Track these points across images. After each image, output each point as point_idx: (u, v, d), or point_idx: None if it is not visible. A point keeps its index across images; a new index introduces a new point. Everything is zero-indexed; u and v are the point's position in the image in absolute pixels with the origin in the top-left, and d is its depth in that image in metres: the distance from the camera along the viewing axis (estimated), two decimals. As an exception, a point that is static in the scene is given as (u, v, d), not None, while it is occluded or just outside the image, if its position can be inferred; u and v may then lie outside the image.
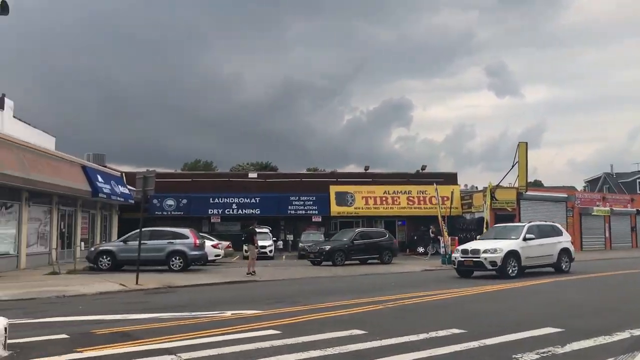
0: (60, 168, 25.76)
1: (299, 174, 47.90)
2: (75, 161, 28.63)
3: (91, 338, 8.79)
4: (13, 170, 20.41)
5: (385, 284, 18.07)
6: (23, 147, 22.53)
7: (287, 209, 43.18)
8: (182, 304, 13.50)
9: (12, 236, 22.32)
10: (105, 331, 9.34)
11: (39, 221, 24.65)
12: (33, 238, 24.01)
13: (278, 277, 20.94)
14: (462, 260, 19.91)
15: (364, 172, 48.24)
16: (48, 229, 25.51)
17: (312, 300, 13.39)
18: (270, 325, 9.58)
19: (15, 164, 20.77)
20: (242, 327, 9.46)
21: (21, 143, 22.66)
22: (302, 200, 43.56)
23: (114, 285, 17.74)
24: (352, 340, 8.20)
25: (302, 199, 43.63)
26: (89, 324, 10.20)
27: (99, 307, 12.97)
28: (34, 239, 24.06)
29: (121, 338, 8.74)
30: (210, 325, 9.77)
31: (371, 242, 28.99)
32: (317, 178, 47.66)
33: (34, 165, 22.54)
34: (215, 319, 10.70)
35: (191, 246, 22.84)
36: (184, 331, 9.15)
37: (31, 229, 23.72)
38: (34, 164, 22.60)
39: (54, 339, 8.72)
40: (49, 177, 23.63)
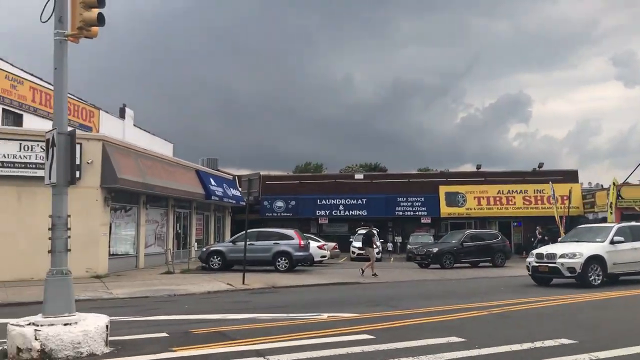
0: (175, 172, 27.10)
1: (406, 174, 47.07)
2: (189, 166, 30.02)
3: (189, 337, 9.01)
4: (131, 175, 21.70)
5: (494, 288, 17.14)
6: (140, 153, 23.92)
7: (394, 210, 42.62)
8: (282, 304, 13.59)
9: (132, 237, 23.78)
10: (203, 331, 9.53)
11: (156, 223, 26.08)
12: (151, 239, 25.44)
13: (382, 280, 20.58)
14: (537, 266, 17.61)
15: (475, 172, 46.51)
16: (164, 230, 26.93)
17: (413, 304, 12.94)
18: (364, 330, 9.30)
19: (133, 169, 22.10)
20: (336, 331, 9.28)
21: (139, 150, 24.09)
22: (410, 201, 42.81)
23: (222, 285, 18.28)
24: (448, 348, 7.74)
25: (411, 199, 42.87)
26: (190, 323, 10.48)
27: (204, 306, 13.37)
28: (151, 239, 25.49)
29: (217, 338, 8.87)
30: (304, 328, 9.67)
31: (482, 244, 27.80)
32: (426, 178, 46.61)
33: (151, 170, 23.85)
34: (311, 321, 10.61)
35: (296, 247, 23.12)
36: (278, 333, 9.13)
37: (149, 231, 25.15)
38: (151, 169, 23.93)
39: (154, 337, 9.03)
40: (165, 181, 24.92)
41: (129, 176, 21.52)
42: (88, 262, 20.14)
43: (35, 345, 7.28)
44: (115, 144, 21.79)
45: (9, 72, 21.62)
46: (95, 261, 20.29)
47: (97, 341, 7.67)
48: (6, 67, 21.57)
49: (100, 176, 20.43)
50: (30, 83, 22.80)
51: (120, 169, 20.90)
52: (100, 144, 20.59)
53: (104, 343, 7.85)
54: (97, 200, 20.42)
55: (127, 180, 21.26)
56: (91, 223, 20.34)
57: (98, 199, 20.45)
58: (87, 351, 7.52)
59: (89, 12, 7.85)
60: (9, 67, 21.76)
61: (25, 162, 19.16)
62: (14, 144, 19.08)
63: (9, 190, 19.09)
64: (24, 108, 22.33)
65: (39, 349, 7.28)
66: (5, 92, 21.25)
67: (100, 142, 20.71)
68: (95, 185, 20.38)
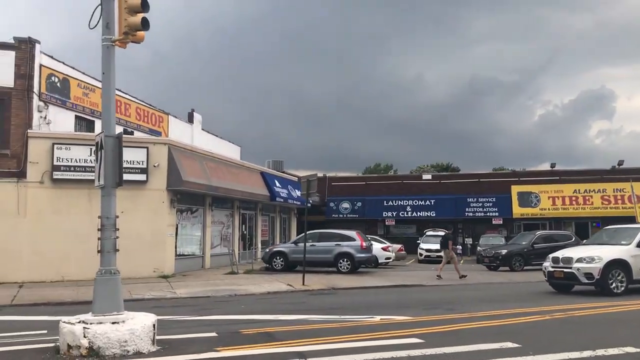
0: (240, 174, 27.53)
1: (477, 174, 45.71)
2: (254, 168, 30.44)
3: (236, 337, 9.02)
4: (196, 177, 22.21)
5: (561, 292, 16.25)
6: (205, 156, 24.46)
7: (464, 211, 41.51)
8: (338, 306, 13.43)
9: (198, 238, 24.33)
10: (252, 331, 9.53)
11: (221, 224, 26.59)
12: (216, 240, 25.96)
13: (447, 283, 20.01)
14: (552, 271, 15.90)
15: (549, 170, 44.55)
16: (230, 232, 27.41)
17: (473, 307, 12.47)
18: (415, 333, 9.01)
19: (198, 172, 22.62)
20: (385, 334, 9.04)
21: (203, 152, 24.65)
22: (480, 201, 41.58)
23: (282, 286, 18.35)
24: (500, 354, 7.36)
25: (481, 200, 41.63)
26: (241, 323, 10.53)
27: (260, 307, 13.42)
28: (217, 240, 26.00)
29: (263, 338, 8.84)
30: (353, 330, 9.48)
31: (554, 246, 26.44)
32: (497, 178, 45.08)
33: (215, 172, 24.34)
34: (363, 323, 10.41)
35: (358, 248, 22.90)
36: (325, 335, 8.99)
37: (214, 232, 25.66)
38: (215, 171, 24.41)
39: (203, 336, 9.10)
40: (229, 183, 25.36)
41: (194, 178, 22.02)
42: (155, 262, 20.76)
43: (83, 343, 7.48)
44: (181, 148, 22.37)
45: (81, 80, 22.62)
46: (162, 261, 20.88)
47: (143, 340, 7.79)
48: (78, 75, 22.56)
49: (166, 179, 20.99)
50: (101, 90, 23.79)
51: (185, 171, 21.43)
52: (166, 148, 21.18)
53: (151, 342, 7.97)
54: (163, 202, 21.01)
55: (192, 182, 21.76)
56: (158, 224, 20.96)
57: (164, 200, 21.04)
58: (133, 349, 7.65)
59: (134, 17, 8.01)
60: (81, 75, 22.75)
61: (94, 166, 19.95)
62: (85, 149, 19.93)
63: (81, 193, 19.95)
64: (97, 114, 23.31)
65: (87, 346, 7.48)
66: (77, 99, 22.26)
67: (166, 145, 21.30)
68: (162, 188, 20.97)
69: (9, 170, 19.45)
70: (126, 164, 20.45)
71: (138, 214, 20.66)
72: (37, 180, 19.68)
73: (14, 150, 19.54)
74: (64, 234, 19.68)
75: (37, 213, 19.68)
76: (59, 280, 19.43)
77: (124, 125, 25.47)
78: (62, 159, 19.81)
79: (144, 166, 20.66)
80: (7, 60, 19.56)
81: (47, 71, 20.69)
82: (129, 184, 20.62)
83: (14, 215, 19.44)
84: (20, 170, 19.54)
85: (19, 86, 19.69)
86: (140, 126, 26.83)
